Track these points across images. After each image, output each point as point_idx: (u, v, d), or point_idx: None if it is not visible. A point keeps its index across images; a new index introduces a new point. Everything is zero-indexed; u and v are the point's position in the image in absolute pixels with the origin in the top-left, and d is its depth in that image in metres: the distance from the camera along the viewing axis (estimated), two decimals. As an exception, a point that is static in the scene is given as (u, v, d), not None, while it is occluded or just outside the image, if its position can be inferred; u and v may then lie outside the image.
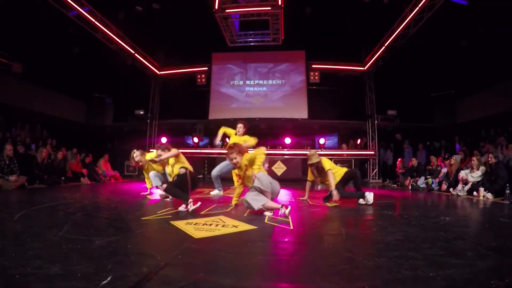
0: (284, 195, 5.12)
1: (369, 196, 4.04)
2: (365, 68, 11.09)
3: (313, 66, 11.46)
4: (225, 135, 5.41)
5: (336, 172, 4.23)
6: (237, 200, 3.75)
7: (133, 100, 11.99)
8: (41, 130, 9.47)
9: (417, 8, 7.76)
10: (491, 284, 1.35)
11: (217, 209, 3.47)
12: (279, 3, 8.01)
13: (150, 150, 9.85)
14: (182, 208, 3.30)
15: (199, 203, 3.27)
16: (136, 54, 10.28)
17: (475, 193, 5.25)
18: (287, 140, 9.94)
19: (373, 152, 10.64)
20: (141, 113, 11.88)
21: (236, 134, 5.27)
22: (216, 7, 8.09)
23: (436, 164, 7.07)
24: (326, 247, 2.05)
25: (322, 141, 10.42)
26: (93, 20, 8.43)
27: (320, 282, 1.39)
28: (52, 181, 6.42)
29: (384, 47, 9.65)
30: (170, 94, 11.94)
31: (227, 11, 8.28)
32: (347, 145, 11.14)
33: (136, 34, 9.92)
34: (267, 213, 3.09)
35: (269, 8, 8.15)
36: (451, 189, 5.79)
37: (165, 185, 3.62)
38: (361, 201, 4.09)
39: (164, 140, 10.91)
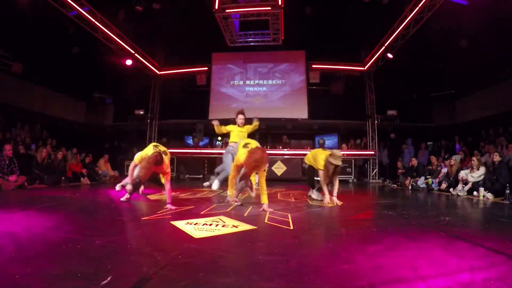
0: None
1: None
2: (365, 68, 11.08)
3: (313, 66, 11.45)
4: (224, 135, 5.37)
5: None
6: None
7: (133, 100, 11.97)
8: (41, 130, 9.46)
9: (417, 8, 7.76)
10: (491, 284, 1.35)
11: (217, 209, 3.47)
12: (279, 3, 8.01)
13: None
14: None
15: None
16: (136, 54, 10.28)
17: (475, 193, 5.25)
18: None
19: (373, 152, 10.64)
20: (141, 113, 11.87)
21: (238, 126, 5.20)
22: (216, 7, 8.09)
23: (437, 164, 7.07)
24: (326, 247, 2.05)
25: (322, 141, 10.41)
26: (93, 20, 8.42)
27: (320, 282, 1.39)
28: (52, 181, 6.42)
29: (384, 47, 9.65)
30: (170, 94, 11.94)
31: (227, 11, 8.27)
32: (347, 145, 11.15)
33: (136, 34, 9.91)
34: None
35: (269, 8, 8.14)
36: (451, 189, 5.79)
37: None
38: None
39: (164, 140, 10.91)
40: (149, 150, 3.79)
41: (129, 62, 10.19)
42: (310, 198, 4.53)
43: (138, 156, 3.96)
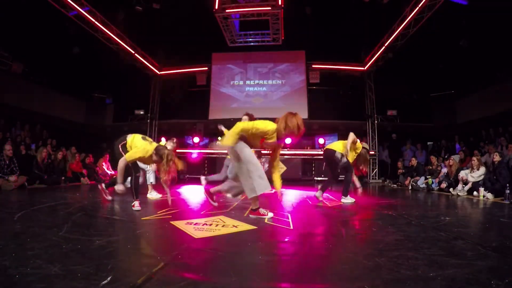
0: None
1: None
2: (365, 68, 11.08)
3: (313, 66, 11.46)
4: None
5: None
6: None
7: (133, 100, 11.98)
8: (41, 130, 9.46)
9: (417, 8, 7.76)
10: (491, 284, 1.35)
11: (217, 209, 3.46)
12: (279, 3, 8.02)
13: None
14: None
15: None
16: (136, 54, 10.28)
17: (475, 193, 5.26)
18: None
19: (373, 152, 10.63)
20: (141, 113, 11.88)
21: None
22: (216, 7, 8.10)
23: (437, 164, 7.07)
24: (326, 247, 2.05)
25: (321, 141, 10.42)
26: (93, 20, 8.43)
27: (320, 282, 1.39)
28: (52, 181, 6.42)
29: (384, 47, 9.65)
30: (170, 94, 11.94)
31: (227, 11, 8.28)
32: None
33: (136, 34, 9.91)
34: None
35: (269, 8, 8.15)
36: (451, 189, 5.79)
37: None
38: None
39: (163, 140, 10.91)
40: (141, 142, 3.65)
41: (129, 62, 10.11)
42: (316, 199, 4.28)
43: (134, 152, 3.50)
